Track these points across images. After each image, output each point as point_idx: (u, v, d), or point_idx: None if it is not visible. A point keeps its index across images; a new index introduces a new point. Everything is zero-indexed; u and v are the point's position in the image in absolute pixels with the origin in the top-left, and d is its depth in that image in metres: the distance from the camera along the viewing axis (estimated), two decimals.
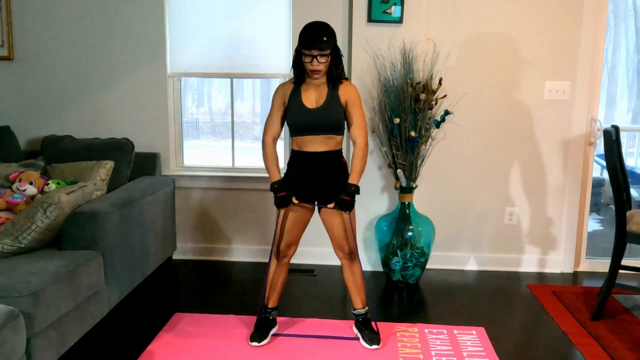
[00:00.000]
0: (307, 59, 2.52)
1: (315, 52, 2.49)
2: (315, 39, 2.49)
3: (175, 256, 3.95)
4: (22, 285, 2.16)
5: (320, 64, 2.52)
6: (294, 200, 2.64)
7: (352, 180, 2.62)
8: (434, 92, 3.39)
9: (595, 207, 5.29)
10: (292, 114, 2.61)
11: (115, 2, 3.70)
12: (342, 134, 2.66)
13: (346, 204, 2.59)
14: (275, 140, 2.71)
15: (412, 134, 3.33)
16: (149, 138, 3.82)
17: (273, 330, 2.79)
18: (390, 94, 3.43)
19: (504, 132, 3.69)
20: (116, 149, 3.45)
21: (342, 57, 2.64)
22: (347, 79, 2.67)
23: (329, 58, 2.54)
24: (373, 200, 3.73)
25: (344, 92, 2.61)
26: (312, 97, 2.59)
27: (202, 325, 2.90)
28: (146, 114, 3.81)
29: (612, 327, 2.94)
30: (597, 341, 2.78)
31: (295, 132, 2.63)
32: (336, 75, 2.60)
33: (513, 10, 3.56)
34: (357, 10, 3.53)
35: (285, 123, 2.68)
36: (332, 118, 2.58)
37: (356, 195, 2.64)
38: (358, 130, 2.63)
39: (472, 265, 3.86)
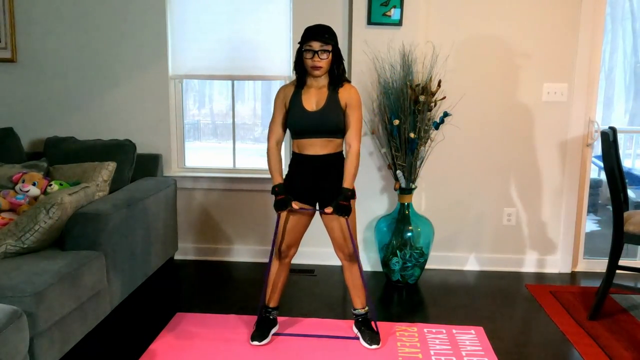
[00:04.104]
0: (309, 55, 2.53)
1: (316, 46, 2.51)
2: (316, 33, 2.53)
3: (177, 256, 3.97)
4: (25, 285, 2.19)
5: (321, 60, 2.53)
6: (294, 206, 2.65)
7: (346, 184, 2.63)
8: (433, 94, 3.41)
9: (593, 208, 5.30)
10: (293, 117, 2.63)
11: (118, 4, 3.73)
12: (342, 137, 2.67)
13: (344, 209, 2.61)
14: (279, 143, 2.73)
15: (412, 135, 3.35)
16: (151, 139, 3.85)
17: (274, 330, 2.82)
18: (389, 95, 3.45)
19: (503, 134, 3.72)
20: (118, 150, 3.48)
21: (343, 61, 2.66)
22: (349, 81, 2.69)
23: (330, 56, 2.55)
24: (373, 201, 3.76)
25: (345, 95, 2.61)
26: (313, 100, 2.60)
27: (204, 324, 2.93)
28: (148, 115, 3.84)
29: (610, 326, 2.96)
30: (594, 341, 2.80)
31: (295, 134, 2.65)
32: (337, 75, 2.61)
33: (511, 13, 3.59)
34: (357, 13, 3.56)
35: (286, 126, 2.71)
36: (332, 121, 2.59)
37: (354, 197, 2.67)
38: (354, 134, 2.63)
39: (470, 266, 3.88)
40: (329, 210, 2.62)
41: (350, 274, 2.78)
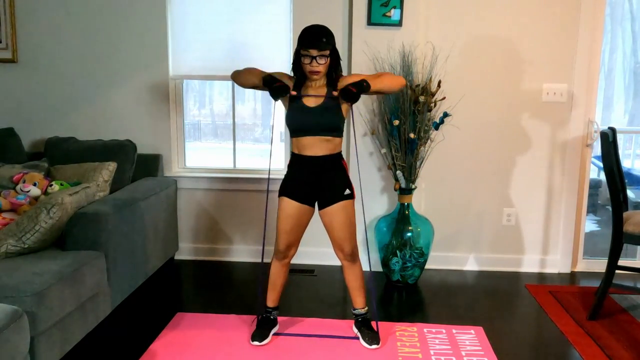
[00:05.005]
0: (307, 60, 2.53)
1: (314, 52, 2.51)
2: (314, 39, 2.51)
3: (177, 256, 3.98)
4: (25, 285, 2.19)
5: (319, 65, 2.53)
6: (292, 92, 2.58)
7: (368, 78, 2.57)
8: (433, 95, 3.42)
9: (592, 208, 5.32)
10: (292, 114, 2.63)
11: (118, 5, 3.74)
12: (341, 136, 2.67)
13: (350, 95, 2.52)
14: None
15: (412, 135, 3.36)
16: (152, 140, 3.85)
17: (274, 330, 2.82)
18: (389, 96, 3.46)
19: (502, 134, 3.72)
20: (119, 151, 3.48)
21: (341, 61, 2.66)
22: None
23: (328, 59, 2.56)
24: (373, 201, 3.76)
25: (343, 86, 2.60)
26: (312, 99, 2.60)
27: (204, 324, 2.93)
28: (148, 115, 3.85)
29: (609, 326, 2.97)
30: (594, 340, 2.81)
31: (294, 132, 2.64)
32: (335, 77, 2.62)
33: (511, 14, 3.59)
34: (357, 13, 3.56)
35: (285, 124, 2.71)
36: (331, 118, 2.59)
37: (355, 192, 2.69)
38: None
39: (470, 266, 3.89)
40: (335, 93, 2.54)
41: (350, 274, 2.78)
